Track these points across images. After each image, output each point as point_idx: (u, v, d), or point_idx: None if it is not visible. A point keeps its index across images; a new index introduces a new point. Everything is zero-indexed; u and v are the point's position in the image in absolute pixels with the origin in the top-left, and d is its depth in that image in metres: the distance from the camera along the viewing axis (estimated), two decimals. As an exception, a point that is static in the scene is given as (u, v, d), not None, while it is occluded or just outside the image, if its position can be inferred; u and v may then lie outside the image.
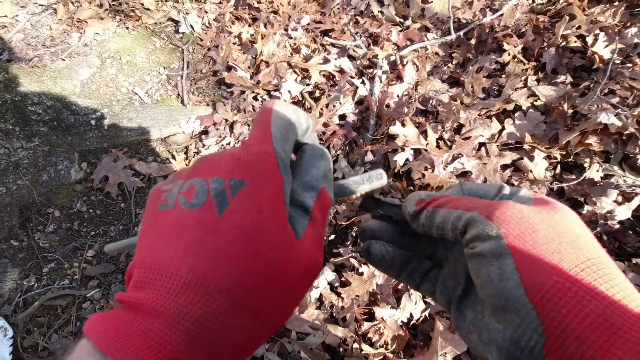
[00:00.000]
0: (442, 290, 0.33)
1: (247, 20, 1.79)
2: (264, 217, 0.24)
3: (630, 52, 1.42)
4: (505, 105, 1.38)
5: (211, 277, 0.22)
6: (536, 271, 0.22)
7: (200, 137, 1.57)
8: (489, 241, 0.24)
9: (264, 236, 0.24)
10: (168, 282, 0.22)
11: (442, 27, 1.65)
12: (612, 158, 1.24)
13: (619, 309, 0.20)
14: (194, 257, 0.22)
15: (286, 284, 0.25)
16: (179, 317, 0.21)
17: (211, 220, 0.23)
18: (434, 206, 0.30)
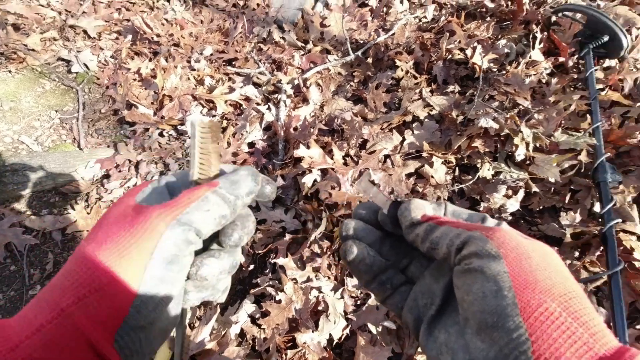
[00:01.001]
0: (411, 307, 0.33)
1: (147, 54, 1.73)
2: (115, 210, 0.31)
3: (503, 61, 1.59)
4: (404, 117, 1.47)
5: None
6: (532, 293, 0.23)
7: (102, 181, 1.47)
8: (488, 259, 0.25)
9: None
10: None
11: (342, 48, 1.73)
12: (498, 156, 1.36)
13: (601, 339, 0.21)
14: None
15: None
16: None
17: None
18: (438, 222, 0.31)
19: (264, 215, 1.38)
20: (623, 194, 1.21)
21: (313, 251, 1.25)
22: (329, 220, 1.25)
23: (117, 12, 1.87)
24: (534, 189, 1.28)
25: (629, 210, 1.17)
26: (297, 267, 1.22)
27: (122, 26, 1.80)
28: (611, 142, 1.31)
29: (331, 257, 1.25)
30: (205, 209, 0.30)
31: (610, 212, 1.13)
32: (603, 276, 1.07)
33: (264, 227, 1.35)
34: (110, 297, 0.26)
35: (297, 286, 1.20)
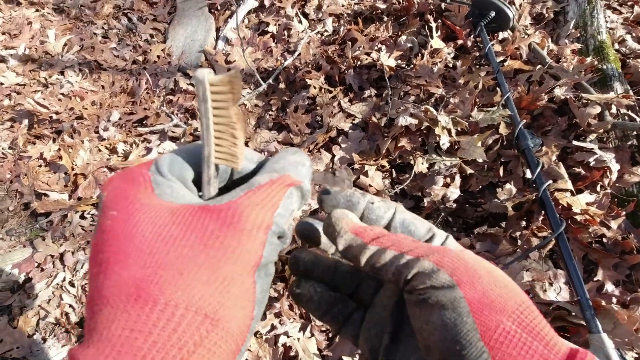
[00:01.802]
0: (366, 337, 0.32)
1: (49, 136, 1.60)
2: (114, 208, 0.23)
3: (409, 55, 1.63)
4: (329, 134, 1.45)
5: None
6: (489, 315, 0.23)
7: (24, 287, 1.31)
8: (445, 290, 0.25)
9: (117, 221, 0.23)
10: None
11: (253, 80, 1.69)
12: (428, 148, 1.36)
13: (553, 347, 0.22)
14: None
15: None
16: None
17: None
18: (379, 245, 0.28)
19: (212, 272, 1.29)
20: (547, 155, 1.25)
21: (270, 297, 1.17)
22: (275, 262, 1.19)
23: (7, 98, 1.72)
24: (468, 171, 1.30)
25: (557, 169, 1.21)
26: (257, 319, 1.14)
27: (15, 112, 1.66)
28: (524, 108, 1.36)
29: (290, 297, 1.18)
30: (290, 209, 0.26)
31: (540, 176, 1.16)
32: (550, 239, 1.09)
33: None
34: (227, 334, 0.21)
35: (261, 339, 1.12)
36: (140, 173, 0.25)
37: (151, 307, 0.19)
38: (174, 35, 1.88)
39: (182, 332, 0.19)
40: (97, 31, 1.98)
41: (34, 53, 1.88)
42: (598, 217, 1.13)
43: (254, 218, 0.23)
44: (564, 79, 1.34)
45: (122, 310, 0.19)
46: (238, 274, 0.22)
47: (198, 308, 0.20)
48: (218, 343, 0.20)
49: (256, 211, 0.23)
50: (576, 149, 1.25)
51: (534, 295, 1.07)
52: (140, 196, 0.23)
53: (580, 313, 0.96)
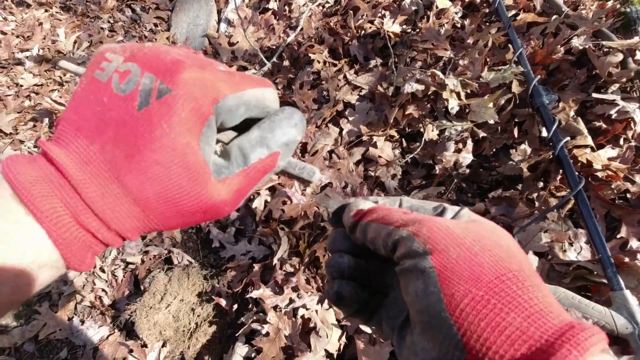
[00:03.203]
0: (387, 320, 0.31)
1: (69, 132, 1.67)
2: (173, 133, 0.25)
3: (415, 19, 1.56)
4: (335, 108, 1.43)
5: (114, 163, 0.24)
6: (457, 284, 0.22)
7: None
8: (416, 257, 0.24)
9: (166, 150, 0.24)
10: (81, 151, 0.24)
11: (257, 60, 1.68)
12: (437, 114, 1.32)
13: (537, 320, 0.20)
14: (105, 138, 0.24)
15: (176, 199, 0.26)
16: (78, 183, 0.24)
17: (129, 113, 0.25)
18: (368, 220, 0.30)
19: (230, 251, 1.33)
20: (564, 110, 1.18)
21: (286, 272, 1.20)
22: (290, 236, 1.21)
23: (27, 99, 1.80)
24: (480, 134, 1.25)
25: (575, 125, 1.15)
26: (274, 293, 1.18)
27: (36, 112, 1.74)
28: (539, 63, 1.29)
29: (306, 271, 1.21)
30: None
31: (557, 133, 1.11)
32: (569, 198, 1.05)
33: (234, 263, 1.30)
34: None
35: (280, 313, 1.16)
36: (207, 105, 0.26)
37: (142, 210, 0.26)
38: (177, 22, 1.89)
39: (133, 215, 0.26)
40: (104, 25, 2.01)
41: (47, 53, 1.94)
42: (621, 172, 1.07)
43: (223, 206, 0.28)
44: (582, 28, 1.25)
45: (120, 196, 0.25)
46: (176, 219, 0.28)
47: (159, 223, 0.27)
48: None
49: (225, 192, 0.28)
50: (596, 101, 1.17)
51: (553, 257, 1.04)
52: (188, 141, 0.25)
53: (602, 271, 0.93)
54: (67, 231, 0.24)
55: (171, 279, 1.31)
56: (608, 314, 0.88)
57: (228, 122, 0.28)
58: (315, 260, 1.20)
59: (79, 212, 0.24)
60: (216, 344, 1.26)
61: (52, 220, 0.23)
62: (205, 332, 1.27)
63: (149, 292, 1.28)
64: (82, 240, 0.24)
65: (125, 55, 0.27)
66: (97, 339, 1.30)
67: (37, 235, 0.23)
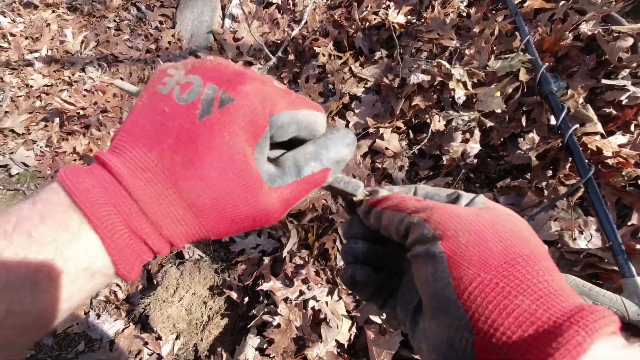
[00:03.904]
0: (402, 305, 0.32)
1: (79, 131, 1.70)
2: (233, 141, 0.26)
3: (420, 9, 1.55)
4: (341, 101, 1.43)
5: (172, 169, 0.25)
6: (465, 269, 0.23)
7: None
8: (427, 243, 0.25)
9: (225, 157, 0.26)
10: (139, 159, 0.25)
11: (262, 55, 1.69)
12: (444, 104, 1.32)
13: (545, 303, 0.20)
14: (165, 145, 0.25)
15: (230, 205, 0.26)
16: (134, 189, 0.24)
17: (190, 121, 0.25)
18: (383, 207, 0.31)
19: (240, 245, 1.35)
20: (573, 97, 1.17)
21: (296, 264, 1.21)
22: (299, 229, 1.22)
23: (38, 99, 1.83)
24: (488, 124, 1.24)
25: (585, 112, 1.13)
26: (285, 285, 1.19)
27: (47, 112, 1.77)
28: (546, 51, 1.27)
29: (315, 263, 1.22)
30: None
31: (565, 121, 1.09)
32: (579, 186, 1.04)
33: (244, 257, 1.32)
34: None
35: (291, 304, 1.17)
36: (263, 116, 0.27)
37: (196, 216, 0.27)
38: (181, 19, 1.90)
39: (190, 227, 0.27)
40: (110, 24, 2.02)
41: (56, 53, 1.97)
42: (632, 158, 1.06)
43: (272, 214, 0.29)
44: (591, 13, 1.23)
45: (178, 205, 0.26)
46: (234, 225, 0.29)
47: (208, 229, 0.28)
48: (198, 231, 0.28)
49: (280, 209, 0.29)
50: (606, 88, 1.16)
51: (563, 245, 1.04)
52: (245, 149, 0.27)
53: (613, 259, 0.93)
54: (120, 238, 0.24)
55: (183, 273, 1.33)
56: (619, 301, 0.87)
57: (277, 137, 0.29)
58: (324, 252, 1.21)
59: (132, 217, 0.24)
60: (228, 336, 1.29)
61: (107, 227, 0.24)
62: (218, 325, 1.29)
63: (162, 286, 1.31)
64: (133, 247, 0.25)
65: (187, 68, 0.28)
66: (112, 332, 1.33)
67: (91, 242, 0.24)
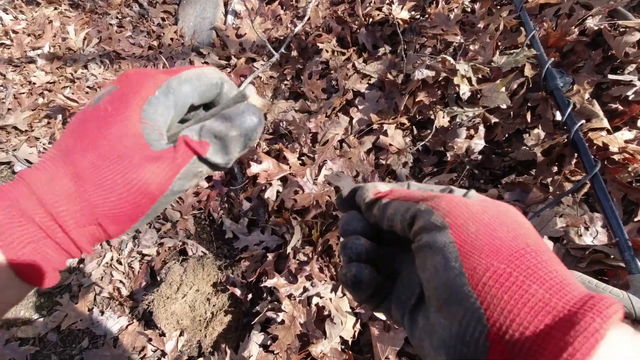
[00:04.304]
0: (398, 305, 0.31)
1: (82, 127, 1.69)
2: (115, 112, 0.29)
3: (423, 5, 1.54)
4: (345, 97, 1.42)
5: (67, 150, 0.29)
6: (478, 258, 0.22)
7: (79, 267, 1.44)
8: (434, 231, 0.24)
9: (106, 123, 0.29)
10: (47, 157, 0.29)
11: (264, 51, 1.68)
12: (448, 100, 1.31)
13: (558, 292, 0.20)
14: (68, 138, 0.29)
15: (119, 164, 0.28)
16: (30, 180, 0.27)
17: (86, 111, 0.30)
18: (389, 198, 0.31)
19: (243, 242, 1.35)
20: (579, 93, 1.16)
21: (299, 261, 1.21)
22: (302, 225, 1.22)
23: (41, 96, 1.83)
24: (493, 120, 1.24)
25: (591, 107, 1.12)
26: (289, 282, 1.19)
27: (49, 109, 1.77)
28: (552, 46, 1.26)
29: (319, 259, 1.22)
30: (194, 173, 0.32)
31: (571, 116, 1.09)
32: (585, 182, 1.03)
33: (247, 253, 1.32)
34: (102, 235, 0.30)
35: (295, 301, 1.17)
36: (146, 88, 0.30)
37: (81, 192, 0.28)
38: (184, 15, 1.89)
39: (84, 214, 0.28)
40: (112, 21, 2.02)
41: (58, 50, 1.96)
42: (639, 154, 1.05)
43: (155, 177, 0.29)
44: (597, 7, 1.22)
45: (67, 178, 0.28)
46: (129, 211, 0.30)
47: (99, 215, 0.29)
48: (95, 233, 0.30)
49: (159, 171, 0.29)
50: (612, 83, 1.15)
51: (568, 241, 1.03)
52: (131, 107, 0.30)
53: (619, 255, 0.92)
54: (17, 239, 0.26)
55: (186, 270, 1.33)
56: (626, 297, 0.87)
57: (183, 100, 0.31)
58: (328, 248, 1.21)
59: (25, 203, 0.26)
60: (232, 332, 1.29)
61: (5, 235, 0.25)
62: (221, 321, 1.29)
63: (166, 283, 1.31)
64: (32, 248, 0.26)
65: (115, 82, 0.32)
66: (116, 329, 1.33)
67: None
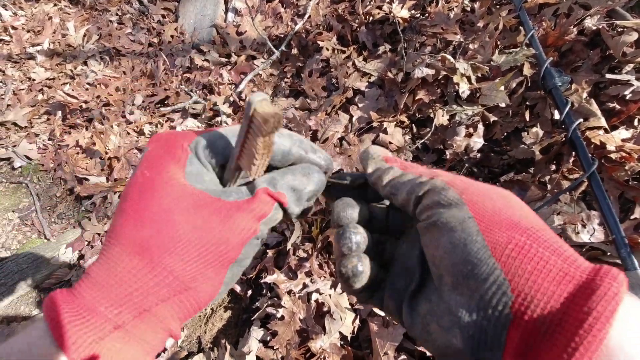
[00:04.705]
0: (390, 294, 0.31)
1: (82, 124, 1.70)
2: (152, 174, 0.28)
3: (423, 4, 1.55)
4: (345, 95, 1.43)
5: (111, 230, 0.27)
6: (499, 232, 0.23)
7: (79, 263, 1.44)
8: (451, 207, 0.25)
9: (147, 181, 0.28)
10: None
11: (265, 49, 1.68)
12: (448, 98, 1.32)
13: (574, 262, 0.21)
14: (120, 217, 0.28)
15: (162, 221, 0.27)
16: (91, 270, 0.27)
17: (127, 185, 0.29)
18: (399, 167, 0.31)
19: (243, 239, 1.35)
20: (577, 92, 1.17)
21: (299, 257, 1.22)
22: (302, 222, 1.22)
23: (40, 93, 1.83)
24: (491, 118, 1.25)
25: (588, 106, 1.14)
26: (288, 278, 1.20)
27: (49, 105, 1.77)
28: (551, 45, 1.27)
29: (319, 256, 1.23)
30: (274, 220, 0.30)
31: (569, 115, 1.10)
32: (582, 180, 1.04)
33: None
34: (194, 299, 0.28)
35: (294, 297, 1.18)
36: (181, 146, 0.30)
37: (146, 262, 0.26)
38: (184, 12, 1.89)
39: (162, 286, 0.26)
40: (112, 18, 2.02)
41: (58, 47, 1.96)
42: (635, 153, 1.06)
43: (245, 225, 0.28)
44: (596, 7, 1.23)
45: (128, 255, 0.26)
46: (216, 262, 0.27)
47: (178, 275, 0.26)
48: (184, 302, 0.27)
49: (248, 218, 0.28)
50: (610, 82, 1.16)
51: (566, 239, 1.05)
52: (171, 169, 0.28)
53: (616, 252, 0.93)
54: (65, 317, 0.24)
55: (187, 266, 1.33)
56: (622, 294, 0.88)
57: (214, 159, 0.30)
58: (328, 245, 1.22)
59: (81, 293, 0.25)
60: (232, 328, 1.29)
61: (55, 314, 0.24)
62: (221, 317, 1.30)
63: (166, 279, 1.31)
64: (79, 317, 0.25)
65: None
66: (116, 325, 1.34)
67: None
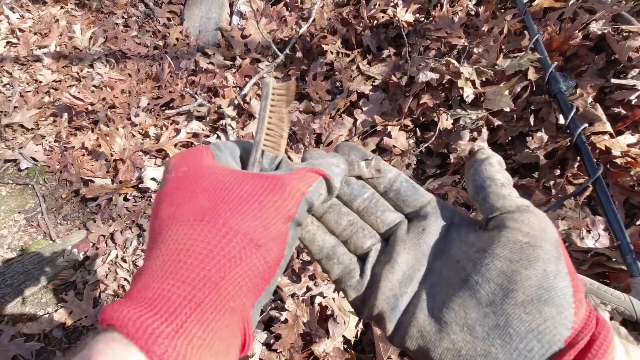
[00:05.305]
0: (428, 301, 0.32)
1: (88, 126, 1.71)
2: (184, 165, 0.29)
3: (428, 7, 1.55)
4: (349, 98, 1.43)
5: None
6: (575, 278, 0.26)
7: (84, 264, 1.45)
8: (550, 243, 0.27)
9: (189, 170, 0.29)
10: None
11: (269, 52, 1.69)
12: (452, 102, 1.32)
13: (593, 311, 0.25)
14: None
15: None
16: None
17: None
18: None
19: (247, 241, 1.36)
20: (582, 97, 1.17)
21: (303, 260, 1.22)
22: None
23: (47, 95, 1.85)
24: (496, 123, 1.25)
25: (594, 111, 1.13)
26: (292, 281, 1.20)
27: (55, 107, 1.78)
28: (556, 50, 1.27)
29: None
30: (319, 192, 0.30)
31: (574, 120, 1.10)
32: (587, 185, 1.04)
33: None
34: (264, 260, 0.26)
35: (298, 300, 1.18)
36: (201, 147, 0.31)
37: (212, 225, 0.25)
38: (189, 15, 1.90)
39: (232, 247, 0.24)
40: (118, 21, 2.03)
41: (64, 49, 1.98)
42: (641, 158, 1.06)
43: (294, 185, 0.28)
44: (601, 12, 1.23)
45: (189, 225, 0.25)
46: (277, 219, 0.27)
47: (246, 233, 0.25)
48: (257, 264, 0.25)
49: (296, 182, 0.29)
50: (615, 87, 1.16)
51: (570, 244, 1.04)
52: (204, 159, 0.30)
53: (621, 258, 0.93)
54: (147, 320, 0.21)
55: (191, 268, 1.34)
56: (627, 300, 0.87)
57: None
58: (331, 249, 1.22)
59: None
60: (235, 331, 1.30)
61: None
62: (225, 320, 1.30)
63: (170, 281, 1.32)
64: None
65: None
66: (121, 326, 1.34)
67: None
